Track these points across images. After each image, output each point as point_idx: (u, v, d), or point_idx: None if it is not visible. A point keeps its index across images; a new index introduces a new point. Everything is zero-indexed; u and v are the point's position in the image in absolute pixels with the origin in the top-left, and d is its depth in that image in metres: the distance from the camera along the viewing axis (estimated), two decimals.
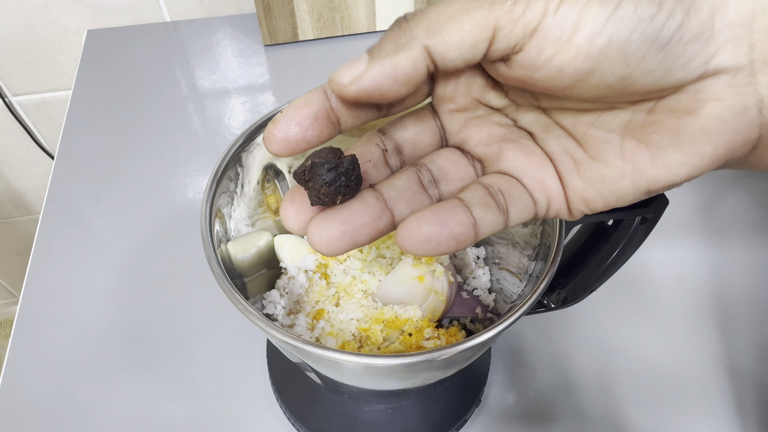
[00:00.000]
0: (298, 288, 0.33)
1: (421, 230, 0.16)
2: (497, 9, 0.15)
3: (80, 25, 0.68)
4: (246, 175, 0.30)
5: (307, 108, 0.17)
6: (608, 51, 0.15)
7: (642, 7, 0.14)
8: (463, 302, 0.34)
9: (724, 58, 0.14)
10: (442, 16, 0.16)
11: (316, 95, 0.17)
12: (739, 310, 0.43)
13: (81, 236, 0.48)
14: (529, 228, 0.30)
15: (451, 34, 0.16)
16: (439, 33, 0.16)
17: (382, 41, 0.16)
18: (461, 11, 0.16)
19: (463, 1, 0.16)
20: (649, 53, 0.14)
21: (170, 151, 0.55)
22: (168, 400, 0.38)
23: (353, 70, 0.16)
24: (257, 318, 0.22)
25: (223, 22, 0.69)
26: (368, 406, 0.36)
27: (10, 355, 0.40)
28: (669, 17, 0.14)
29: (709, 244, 0.47)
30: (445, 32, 0.16)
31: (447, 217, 0.17)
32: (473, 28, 0.16)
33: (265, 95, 0.60)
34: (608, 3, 0.14)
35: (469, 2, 0.16)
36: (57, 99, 0.75)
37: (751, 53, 0.14)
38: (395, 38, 0.16)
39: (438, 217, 0.17)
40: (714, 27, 0.14)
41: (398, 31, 0.16)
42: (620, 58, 0.15)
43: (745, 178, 0.52)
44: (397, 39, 0.16)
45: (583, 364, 0.40)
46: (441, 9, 0.16)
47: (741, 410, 0.38)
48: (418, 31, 0.16)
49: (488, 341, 0.22)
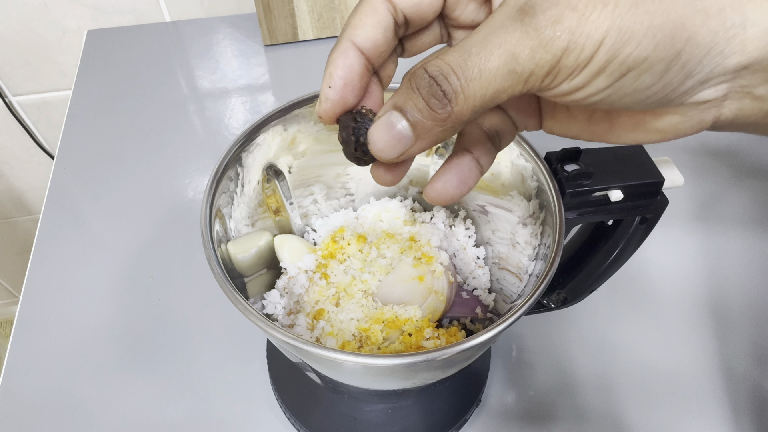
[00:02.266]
0: (298, 288, 0.33)
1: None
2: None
3: (80, 25, 0.68)
4: (246, 175, 0.30)
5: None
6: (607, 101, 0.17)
7: (642, 79, 0.16)
8: (463, 302, 0.34)
9: (706, 94, 0.17)
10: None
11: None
12: (738, 310, 0.43)
13: (81, 236, 0.48)
14: (529, 228, 0.30)
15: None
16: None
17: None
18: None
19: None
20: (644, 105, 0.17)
21: (170, 151, 0.55)
22: (168, 400, 0.38)
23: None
24: (257, 318, 0.22)
25: (223, 22, 0.69)
26: (368, 406, 0.36)
27: (10, 355, 0.40)
28: (669, 88, 0.16)
29: (708, 244, 0.47)
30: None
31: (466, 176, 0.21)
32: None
33: (265, 95, 0.60)
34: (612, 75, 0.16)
35: None
36: (57, 99, 0.75)
37: (730, 88, 0.17)
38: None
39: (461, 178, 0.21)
40: (710, 76, 0.16)
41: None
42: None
43: (744, 178, 0.52)
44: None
45: (583, 364, 0.40)
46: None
47: (740, 410, 0.38)
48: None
49: (488, 341, 0.22)
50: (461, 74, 0.16)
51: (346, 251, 0.34)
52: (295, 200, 0.35)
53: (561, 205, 0.26)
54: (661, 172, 0.28)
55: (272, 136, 0.30)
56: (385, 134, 0.18)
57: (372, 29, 0.19)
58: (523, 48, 0.15)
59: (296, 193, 0.35)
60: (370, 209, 0.37)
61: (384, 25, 0.19)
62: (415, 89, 0.17)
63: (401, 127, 0.17)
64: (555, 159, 0.28)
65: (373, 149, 0.18)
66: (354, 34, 0.19)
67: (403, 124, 0.17)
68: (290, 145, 0.32)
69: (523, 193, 0.30)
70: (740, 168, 0.53)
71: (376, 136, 0.18)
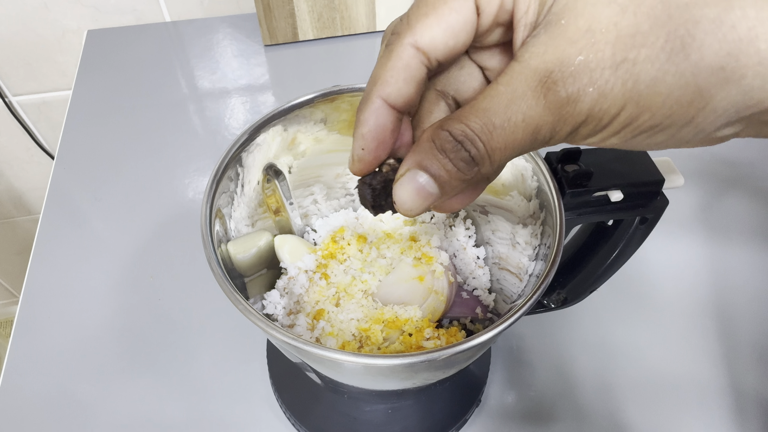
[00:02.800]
0: (298, 288, 0.33)
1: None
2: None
3: (80, 25, 0.68)
4: (246, 175, 0.30)
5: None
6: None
7: (654, 137, 0.16)
8: (463, 302, 0.34)
9: (721, 133, 0.17)
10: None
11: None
12: (738, 310, 0.43)
13: (81, 236, 0.48)
14: (529, 228, 0.30)
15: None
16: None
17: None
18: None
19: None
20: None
21: (170, 151, 0.55)
22: (168, 400, 0.38)
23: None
24: (257, 318, 0.22)
25: (223, 22, 0.69)
26: (368, 406, 0.36)
27: (10, 355, 0.40)
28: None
29: (708, 244, 0.47)
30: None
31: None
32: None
33: (265, 95, 0.60)
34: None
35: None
36: (57, 99, 0.75)
37: (746, 124, 0.17)
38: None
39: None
40: (725, 124, 0.16)
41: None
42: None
43: (744, 178, 0.52)
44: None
45: (583, 364, 0.40)
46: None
47: (740, 410, 0.38)
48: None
49: (488, 341, 0.22)
50: (487, 143, 0.17)
51: (346, 251, 0.34)
52: (295, 200, 0.35)
53: (561, 205, 0.26)
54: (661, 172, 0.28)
55: (272, 136, 0.30)
56: (413, 194, 0.18)
57: (404, 86, 0.18)
58: (545, 123, 0.16)
59: (296, 193, 0.35)
60: None
61: (417, 80, 0.18)
62: (441, 151, 0.17)
63: (428, 185, 0.18)
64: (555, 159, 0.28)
65: (399, 208, 0.19)
66: (384, 92, 0.18)
67: (430, 183, 0.18)
68: (290, 145, 0.32)
69: (523, 193, 0.30)
70: (740, 168, 0.53)
71: (403, 196, 0.18)
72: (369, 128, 0.18)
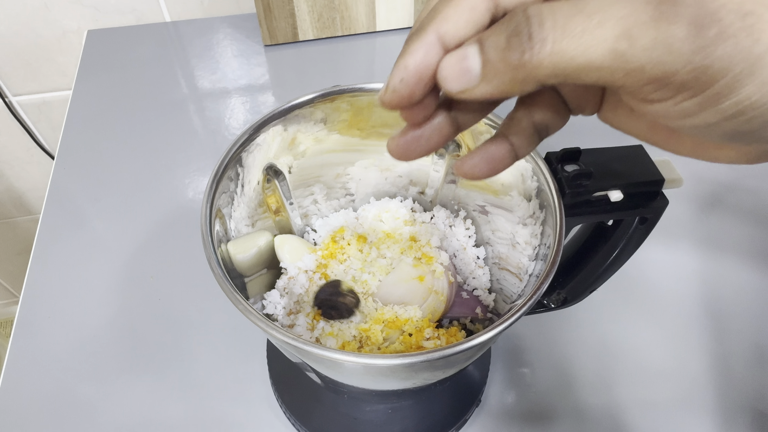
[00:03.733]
0: (299, 288, 0.33)
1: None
2: None
3: (80, 25, 0.68)
4: (246, 175, 0.30)
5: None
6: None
7: (750, 123, 0.14)
8: (463, 302, 0.34)
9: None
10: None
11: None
12: (738, 310, 0.43)
13: (81, 236, 0.48)
14: (529, 228, 0.30)
15: None
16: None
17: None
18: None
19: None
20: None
21: (170, 151, 0.55)
22: (168, 400, 0.38)
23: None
24: (257, 318, 0.22)
25: (223, 22, 0.69)
26: (368, 406, 0.36)
27: (10, 355, 0.40)
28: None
29: (708, 244, 0.47)
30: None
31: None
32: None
33: (265, 95, 0.60)
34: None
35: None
36: (57, 99, 0.75)
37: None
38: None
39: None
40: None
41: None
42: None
43: (744, 179, 0.52)
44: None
45: (583, 364, 0.40)
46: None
47: (740, 410, 0.38)
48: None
49: (488, 341, 0.22)
50: (561, 24, 0.14)
51: (346, 251, 0.34)
52: (295, 200, 0.35)
53: (561, 205, 0.26)
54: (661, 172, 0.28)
55: (272, 136, 0.30)
56: (455, 64, 0.16)
57: (464, 27, 0.16)
58: (645, 35, 0.13)
59: (296, 193, 0.35)
60: (370, 209, 0.37)
61: (479, 27, 0.16)
62: (504, 24, 0.15)
63: (472, 61, 0.16)
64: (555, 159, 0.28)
65: (438, 74, 0.17)
66: (442, 27, 0.16)
67: (475, 60, 0.16)
68: (290, 145, 0.32)
69: (523, 193, 0.30)
70: (740, 168, 0.53)
71: (446, 62, 0.16)
72: (415, 61, 0.16)
